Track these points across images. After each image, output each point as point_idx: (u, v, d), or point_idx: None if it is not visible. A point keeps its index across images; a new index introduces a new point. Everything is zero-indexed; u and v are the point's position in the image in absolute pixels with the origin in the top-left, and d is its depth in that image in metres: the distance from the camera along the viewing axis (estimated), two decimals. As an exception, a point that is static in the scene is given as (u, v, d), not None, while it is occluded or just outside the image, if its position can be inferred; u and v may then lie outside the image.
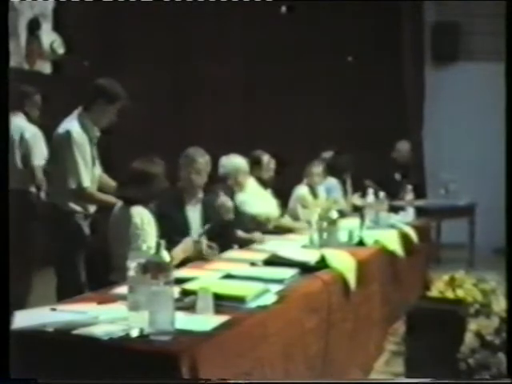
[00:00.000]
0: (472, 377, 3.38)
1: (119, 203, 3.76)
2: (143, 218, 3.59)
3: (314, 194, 6.20)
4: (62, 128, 4.14)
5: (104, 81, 4.21)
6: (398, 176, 6.89)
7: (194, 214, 4.16)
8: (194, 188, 4.17)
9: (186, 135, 6.62)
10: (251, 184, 5.15)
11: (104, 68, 8.57)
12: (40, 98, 5.44)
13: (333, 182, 6.78)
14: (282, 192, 5.95)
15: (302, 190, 6.15)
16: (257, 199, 5.10)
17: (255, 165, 5.27)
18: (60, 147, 4.15)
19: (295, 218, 5.67)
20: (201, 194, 4.22)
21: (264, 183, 5.37)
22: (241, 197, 4.85)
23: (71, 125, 4.13)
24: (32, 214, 4.94)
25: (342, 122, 8.88)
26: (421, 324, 3.77)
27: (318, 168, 6.25)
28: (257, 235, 4.69)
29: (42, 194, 4.86)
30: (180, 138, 6.93)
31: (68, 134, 4.08)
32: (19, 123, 5.16)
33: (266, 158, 5.43)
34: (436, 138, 8.89)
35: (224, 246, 4.02)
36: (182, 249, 3.76)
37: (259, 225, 4.90)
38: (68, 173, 4.06)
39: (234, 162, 4.87)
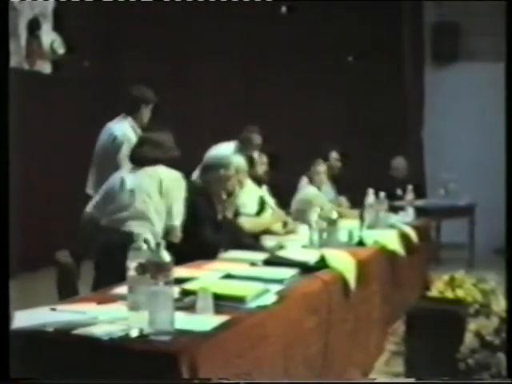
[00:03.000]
0: (471, 377, 3.39)
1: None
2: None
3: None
4: (118, 131, 4.77)
5: (138, 89, 4.94)
6: (399, 192, 6.87)
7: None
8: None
9: (185, 135, 6.61)
10: (248, 183, 5.12)
11: (104, 68, 8.60)
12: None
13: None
14: (279, 191, 5.93)
15: (311, 190, 6.03)
16: (253, 199, 5.07)
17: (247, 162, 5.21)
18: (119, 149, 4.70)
19: (302, 219, 5.51)
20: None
21: (257, 180, 5.34)
22: (240, 196, 4.82)
23: (124, 128, 4.81)
24: None
25: (342, 121, 8.89)
26: (421, 324, 3.77)
27: (322, 167, 6.21)
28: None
29: None
30: (179, 138, 6.94)
31: (128, 138, 4.71)
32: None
33: (256, 155, 5.40)
34: (436, 138, 8.89)
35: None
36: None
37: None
38: None
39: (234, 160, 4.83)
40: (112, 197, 3.94)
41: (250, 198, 4.98)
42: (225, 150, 5.25)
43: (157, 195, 3.88)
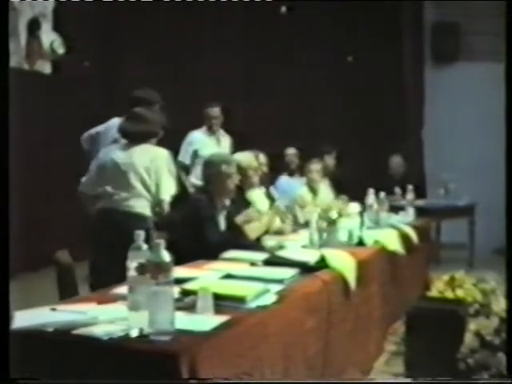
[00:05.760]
0: (471, 377, 3.38)
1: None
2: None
3: (314, 192, 6.16)
4: None
5: (141, 91, 4.87)
6: (398, 190, 6.87)
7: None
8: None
9: (184, 136, 6.62)
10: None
11: (104, 68, 8.60)
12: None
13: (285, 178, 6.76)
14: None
15: (299, 191, 6.07)
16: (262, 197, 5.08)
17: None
18: None
19: (294, 218, 5.58)
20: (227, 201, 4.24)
21: (259, 181, 5.34)
22: (250, 195, 4.81)
23: None
24: None
25: (342, 121, 8.88)
26: (420, 324, 3.76)
27: (317, 165, 6.21)
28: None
29: None
30: (178, 139, 6.96)
31: None
32: None
33: (260, 157, 5.40)
34: (436, 138, 8.89)
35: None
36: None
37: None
38: None
39: (244, 158, 4.82)
40: (104, 174, 4.16)
41: (259, 197, 4.99)
42: (197, 134, 6.17)
43: (146, 175, 4.10)
